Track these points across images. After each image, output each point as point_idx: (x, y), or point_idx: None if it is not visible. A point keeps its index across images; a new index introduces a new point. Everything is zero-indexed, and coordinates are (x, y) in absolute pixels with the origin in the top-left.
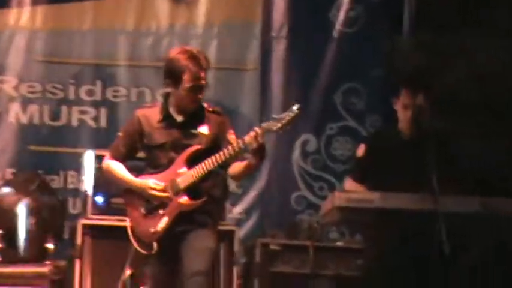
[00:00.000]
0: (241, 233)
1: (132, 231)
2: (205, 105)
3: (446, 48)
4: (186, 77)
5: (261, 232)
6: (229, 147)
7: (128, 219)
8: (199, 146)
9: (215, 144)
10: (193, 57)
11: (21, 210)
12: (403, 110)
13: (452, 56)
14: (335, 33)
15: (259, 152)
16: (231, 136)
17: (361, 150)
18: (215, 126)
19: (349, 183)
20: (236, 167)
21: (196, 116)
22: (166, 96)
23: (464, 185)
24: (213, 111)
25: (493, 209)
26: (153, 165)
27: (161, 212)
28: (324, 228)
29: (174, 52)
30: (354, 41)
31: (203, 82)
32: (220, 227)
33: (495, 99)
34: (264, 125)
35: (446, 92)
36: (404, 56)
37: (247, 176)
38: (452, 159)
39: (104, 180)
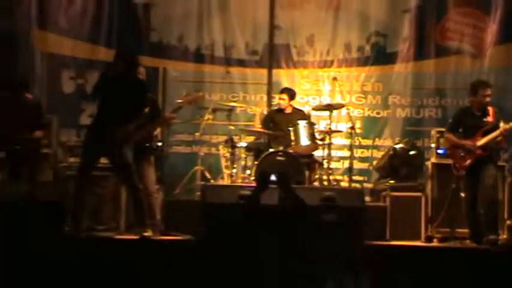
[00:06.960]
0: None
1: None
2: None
3: None
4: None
5: None
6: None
7: (452, 160)
8: (488, 126)
9: (494, 127)
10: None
11: None
12: None
13: None
14: None
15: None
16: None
17: None
18: (495, 118)
19: None
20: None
21: (485, 111)
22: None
23: None
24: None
25: None
26: (466, 136)
27: (463, 154)
28: None
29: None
30: None
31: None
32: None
33: None
34: None
35: None
36: None
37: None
38: None
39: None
